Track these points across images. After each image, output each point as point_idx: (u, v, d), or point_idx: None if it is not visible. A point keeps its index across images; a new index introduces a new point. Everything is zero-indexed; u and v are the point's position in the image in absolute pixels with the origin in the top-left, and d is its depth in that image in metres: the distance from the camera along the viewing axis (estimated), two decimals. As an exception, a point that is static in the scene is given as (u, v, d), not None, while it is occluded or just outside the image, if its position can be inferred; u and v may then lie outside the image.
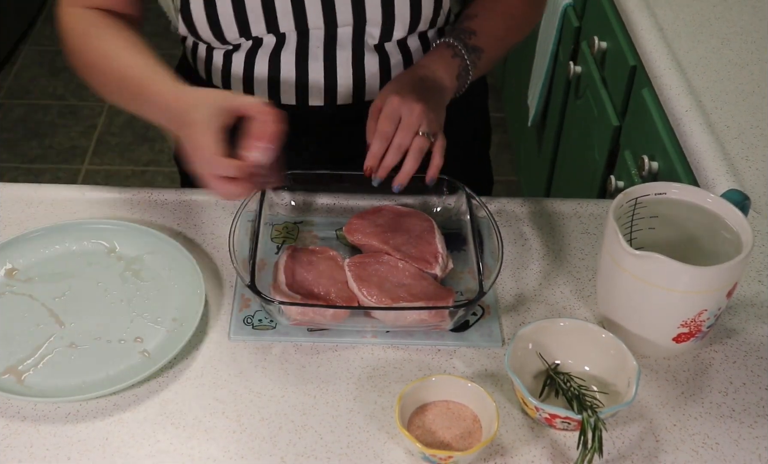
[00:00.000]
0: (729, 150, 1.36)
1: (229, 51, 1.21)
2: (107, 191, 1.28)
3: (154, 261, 1.15)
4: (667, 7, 1.72)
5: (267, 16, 1.14)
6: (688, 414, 1.00)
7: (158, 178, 3.01)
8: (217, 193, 1.00)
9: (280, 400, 1.00)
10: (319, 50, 1.19)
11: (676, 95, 1.49)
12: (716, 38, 1.63)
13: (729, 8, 1.72)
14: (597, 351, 1.02)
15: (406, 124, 1.08)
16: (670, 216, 1.08)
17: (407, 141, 1.08)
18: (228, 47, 1.20)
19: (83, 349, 1.04)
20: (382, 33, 1.18)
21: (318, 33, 1.17)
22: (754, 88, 1.51)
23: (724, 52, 1.59)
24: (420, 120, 1.08)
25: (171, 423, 0.97)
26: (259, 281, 1.06)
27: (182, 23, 1.16)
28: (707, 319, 1.01)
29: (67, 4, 1.18)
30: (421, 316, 1.05)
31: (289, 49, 1.19)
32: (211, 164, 0.98)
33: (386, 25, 1.17)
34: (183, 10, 1.15)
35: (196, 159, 1.00)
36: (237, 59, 1.21)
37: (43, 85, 3.40)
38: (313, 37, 1.18)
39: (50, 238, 1.17)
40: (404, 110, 1.09)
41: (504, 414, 0.99)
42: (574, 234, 1.23)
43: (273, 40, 1.18)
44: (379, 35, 1.18)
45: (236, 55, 1.21)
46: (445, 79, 1.15)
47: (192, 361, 1.04)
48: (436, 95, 1.13)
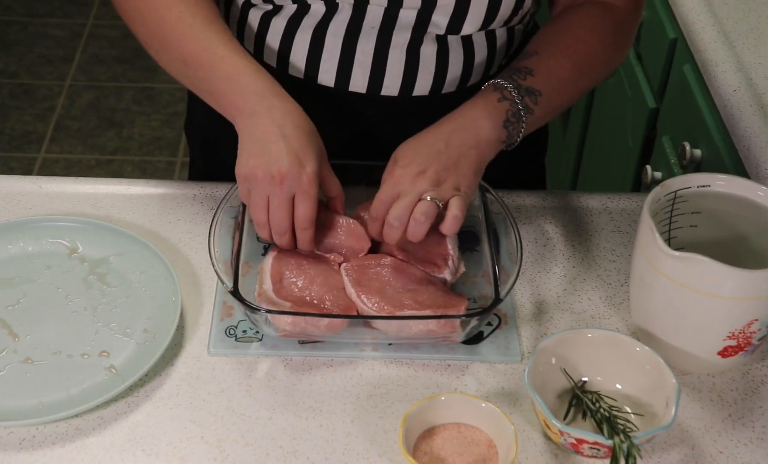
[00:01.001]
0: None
1: (268, 13, 1.20)
2: (68, 183, 1.28)
3: (122, 264, 1.16)
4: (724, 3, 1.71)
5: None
6: (737, 439, 1.01)
7: (127, 168, 3.01)
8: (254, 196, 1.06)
9: (267, 423, 1.00)
10: (373, 30, 1.18)
11: (723, 72, 1.49)
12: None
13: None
14: (630, 367, 1.02)
15: (405, 195, 1.06)
16: (715, 212, 1.08)
17: (405, 213, 1.06)
18: (268, 7, 1.19)
19: (40, 365, 1.04)
20: (450, 23, 1.16)
21: (377, 10, 1.16)
22: (812, 64, 1.51)
23: (778, 24, 1.59)
24: (423, 188, 1.06)
25: (141, 450, 0.98)
26: (243, 286, 1.06)
27: None
28: (758, 330, 1.01)
29: None
30: (428, 326, 1.05)
31: (339, 21, 1.18)
32: (300, 185, 1.05)
33: (457, 15, 1.15)
34: None
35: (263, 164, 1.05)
36: (276, 25, 1.20)
37: (-7, 61, 3.40)
38: (371, 14, 1.16)
39: (2, 237, 1.17)
40: (404, 183, 1.07)
41: (523, 438, 0.99)
42: (604, 233, 1.24)
43: (322, 9, 1.17)
44: (446, 26, 1.17)
45: (276, 19, 1.20)
46: (486, 127, 1.11)
47: (166, 378, 1.04)
48: (467, 150, 1.10)
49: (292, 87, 1.13)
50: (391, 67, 1.20)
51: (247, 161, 1.07)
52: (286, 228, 1.07)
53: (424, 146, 1.10)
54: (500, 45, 1.24)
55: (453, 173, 1.08)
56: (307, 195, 1.06)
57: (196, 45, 1.13)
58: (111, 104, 3.25)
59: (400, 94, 1.22)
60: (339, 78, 1.22)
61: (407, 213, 1.05)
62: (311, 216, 1.07)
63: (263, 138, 1.07)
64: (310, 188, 1.06)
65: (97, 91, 3.30)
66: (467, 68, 1.23)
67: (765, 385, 1.06)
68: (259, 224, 1.08)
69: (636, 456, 0.92)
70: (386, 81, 1.21)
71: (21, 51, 3.44)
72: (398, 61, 1.20)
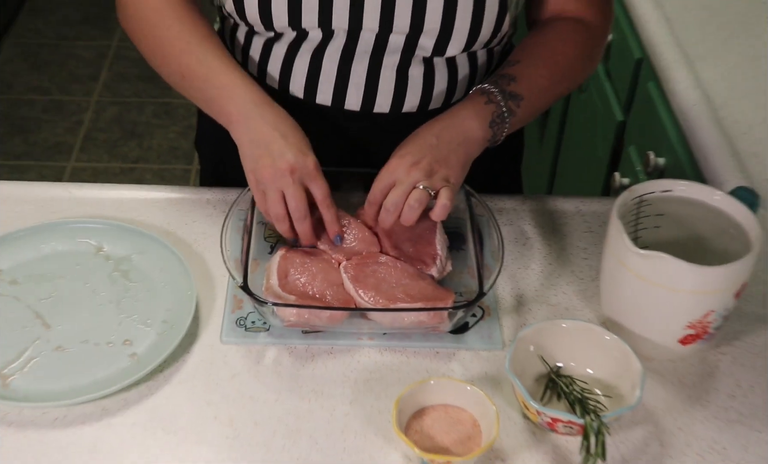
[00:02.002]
0: (738, 146, 1.37)
1: (270, 39, 1.20)
2: (95, 189, 1.28)
3: (143, 261, 1.16)
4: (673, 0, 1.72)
5: (322, 8, 1.13)
6: (695, 417, 1.01)
7: (147, 175, 3.01)
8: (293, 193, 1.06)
9: (273, 404, 1.00)
10: (366, 54, 1.17)
11: (684, 89, 1.49)
12: (725, 30, 1.63)
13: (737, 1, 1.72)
14: (600, 354, 1.02)
15: (400, 183, 1.07)
16: (677, 214, 1.08)
17: (400, 199, 1.06)
18: (270, 35, 1.19)
19: (70, 352, 1.05)
20: (435, 46, 1.16)
21: (369, 35, 1.16)
22: (762, 82, 1.51)
23: (733, 45, 1.59)
24: (417, 178, 1.06)
25: (161, 429, 0.98)
26: (251, 281, 1.06)
27: (231, 1, 1.15)
28: (714, 320, 1.01)
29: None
30: (419, 318, 1.05)
31: (334, 46, 1.17)
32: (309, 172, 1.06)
33: (442, 38, 1.15)
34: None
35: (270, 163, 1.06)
36: (278, 50, 1.20)
37: (27, 79, 3.39)
38: (363, 40, 1.16)
39: (36, 238, 1.17)
40: (400, 172, 1.07)
41: (504, 418, 1.00)
42: (577, 233, 1.24)
43: (320, 36, 1.16)
44: (432, 48, 1.16)
45: (277, 45, 1.20)
46: (474, 127, 1.11)
47: (183, 364, 1.04)
48: (456, 146, 1.10)
49: (293, 107, 1.13)
50: (383, 87, 1.20)
51: (255, 165, 1.07)
52: (305, 212, 1.07)
53: (418, 140, 1.10)
54: (481, 64, 1.24)
55: (444, 165, 1.08)
56: (317, 178, 1.07)
57: (192, 59, 1.14)
58: (133, 118, 3.24)
59: (391, 111, 1.22)
60: (335, 98, 1.21)
61: (402, 200, 1.06)
62: (328, 194, 1.08)
63: (262, 140, 1.07)
64: (317, 173, 1.07)
65: (120, 107, 3.29)
66: (451, 87, 1.23)
67: (720, 369, 1.06)
68: (279, 218, 1.08)
69: (605, 433, 0.92)
70: (378, 99, 1.21)
71: (52, 70, 3.44)
72: (389, 82, 1.20)
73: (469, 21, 1.14)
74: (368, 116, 1.23)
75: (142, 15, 1.19)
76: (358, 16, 1.14)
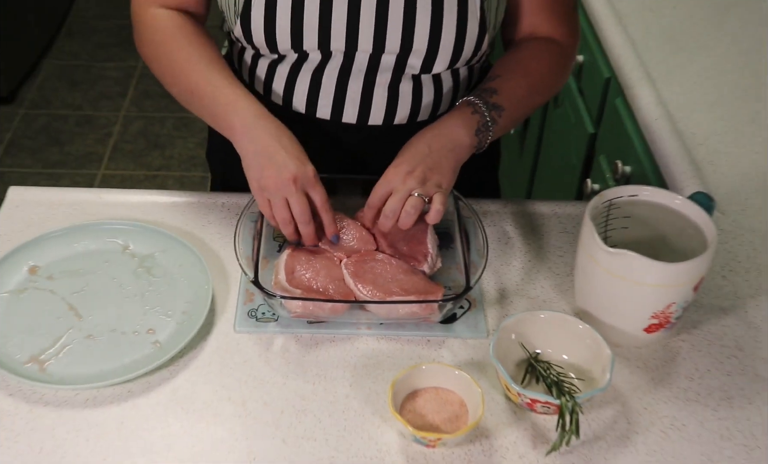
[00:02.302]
0: (695, 155, 1.37)
1: (274, 61, 1.19)
2: (122, 194, 1.28)
3: (165, 259, 1.15)
4: (638, 24, 1.72)
5: (321, 33, 1.12)
6: (657, 398, 1.01)
7: (169, 182, 3.00)
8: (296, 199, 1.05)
9: (281, 387, 1.00)
10: (360, 73, 1.17)
11: (647, 105, 1.49)
12: (683, 52, 1.64)
13: (694, 25, 1.73)
14: (574, 341, 1.02)
15: (397, 191, 1.06)
16: (642, 216, 1.08)
17: (398, 206, 1.06)
18: (274, 57, 1.18)
19: (100, 340, 1.04)
20: (423, 65, 1.16)
21: (363, 56, 1.15)
22: (717, 98, 1.51)
23: (690, 66, 1.60)
24: (412, 186, 1.06)
25: (181, 408, 0.97)
26: (262, 277, 1.05)
27: (239, 27, 1.14)
28: (675, 311, 1.01)
29: (148, 3, 1.19)
30: (412, 309, 1.05)
31: (332, 66, 1.17)
32: (309, 180, 1.06)
33: (429, 57, 1.15)
34: (243, 16, 1.13)
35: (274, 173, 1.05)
36: (281, 70, 1.20)
37: (63, 96, 3.39)
38: (358, 60, 1.16)
39: (69, 238, 1.17)
40: (396, 181, 1.07)
41: (489, 399, 0.99)
42: (554, 233, 1.24)
43: (319, 57, 1.16)
44: (420, 66, 1.16)
45: (281, 66, 1.19)
46: (462, 135, 1.11)
47: (200, 351, 1.04)
48: (446, 153, 1.10)
49: (295, 121, 1.13)
50: (376, 102, 1.20)
51: (259, 174, 1.07)
52: (308, 217, 1.07)
53: (412, 150, 1.10)
54: (463, 80, 1.23)
55: (436, 172, 1.08)
56: (316, 185, 1.07)
57: (200, 78, 1.14)
58: (156, 131, 3.23)
59: (383, 123, 1.21)
60: (334, 112, 1.21)
61: (399, 206, 1.06)
62: (326, 199, 1.08)
63: (265, 151, 1.07)
64: (316, 181, 1.07)
65: (145, 120, 3.29)
66: (437, 100, 1.22)
67: (680, 354, 1.06)
68: (285, 222, 1.07)
69: (578, 412, 0.92)
70: (372, 113, 1.21)
71: (85, 88, 3.43)
72: (382, 97, 1.19)
73: (453, 42, 1.14)
74: (364, 128, 1.22)
75: (155, 39, 1.19)
76: (353, 38, 1.13)
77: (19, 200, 1.25)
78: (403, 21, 1.12)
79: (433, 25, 1.12)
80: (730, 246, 1.21)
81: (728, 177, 1.33)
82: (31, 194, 1.26)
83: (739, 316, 1.11)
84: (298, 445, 0.94)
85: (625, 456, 0.94)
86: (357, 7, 1.11)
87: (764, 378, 1.03)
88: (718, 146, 1.39)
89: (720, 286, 1.15)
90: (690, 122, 1.45)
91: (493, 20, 1.16)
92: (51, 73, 3.51)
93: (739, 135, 1.42)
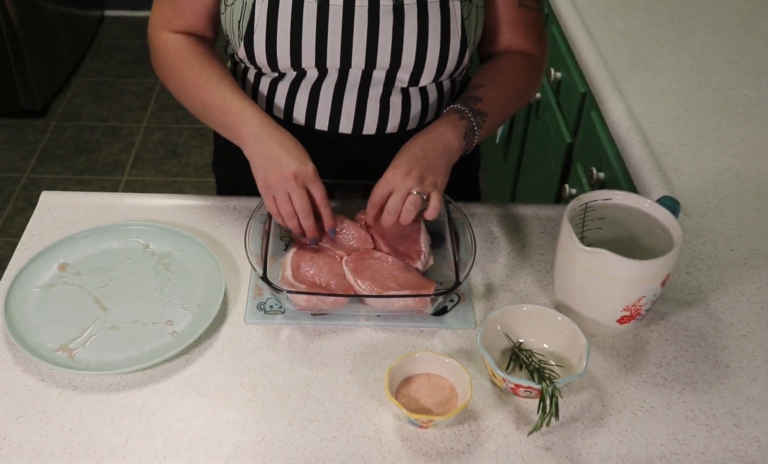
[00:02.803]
0: (662, 163, 1.37)
1: (275, 79, 1.19)
2: (143, 198, 1.27)
3: (182, 257, 1.14)
4: (610, 46, 1.72)
5: (318, 52, 1.12)
6: (629, 383, 1.00)
7: (185, 187, 3.00)
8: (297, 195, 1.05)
9: (288, 373, 0.99)
10: (354, 87, 1.16)
11: (619, 118, 1.49)
12: (651, 71, 1.64)
13: (660, 46, 1.73)
14: (554, 331, 1.02)
15: (397, 190, 1.06)
16: (615, 218, 1.08)
17: (399, 203, 1.05)
18: (275, 75, 1.18)
19: (123, 330, 1.04)
20: (410, 78, 1.15)
21: (357, 72, 1.15)
22: (681, 112, 1.51)
23: (657, 83, 1.60)
24: (410, 185, 1.05)
25: (196, 393, 0.97)
26: (270, 273, 1.05)
27: (243, 49, 1.14)
28: (645, 304, 1.01)
29: (161, 29, 1.20)
30: (406, 302, 1.04)
31: (328, 82, 1.16)
32: (309, 177, 1.05)
33: (416, 72, 1.14)
34: (246, 39, 1.13)
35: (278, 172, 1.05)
36: (282, 87, 1.19)
37: (90, 109, 3.38)
38: (352, 76, 1.15)
39: (96, 237, 1.16)
40: (396, 181, 1.06)
41: (476, 384, 0.99)
42: (535, 233, 1.23)
43: (316, 74, 1.16)
44: (408, 80, 1.16)
45: (281, 83, 1.19)
46: (452, 138, 1.11)
47: (214, 341, 1.03)
48: (439, 155, 1.09)
49: (296, 132, 1.12)
50: (370, 114, 1.19)
51: (265, 174, 1.07)
52: (309, 210, 1.06)
53: (408, 153, 1.09)
54: (446, 91, 1.23)
55: (432, 172, 1.08)
56: (316, 183, 1.07)
57: (210, 94, 1.14)
58: (174, 140, 3.23)
59: (376, 132, 1.21)
60: (331, 124, 1.20)
61: (400, 204, 1.05)
62: (325, 195, 1.07)
63: (270, 154, 1.07)
64: (316, 178, 1.07)
65: (164, 131, 3.28)
66: (424, 110, 1.22)
67: (649, 344, 1.06)
68: (288, 216, 1.07)
69: (558, 396, 0.92)
70: (366, 124, 1.20)
71: (110, 102, 3.42)
72: (374, 109, 1.19)
73: (438, 58, 1.14)
74: (358, 138, 1.22)
75: (168, 60, 1.19)
76: (347, 56, 1.13)
77: (50, 204, 1.25)
78: (392, 40, 1.12)
79: (419, 44, 1.12)
80: (694, 245, 1.21)
81: (692, 183, 1.33)
82: (61, 198, 1.26)
83: (702, 309, 1.11)
84: (303, 426, 0.93)
85: (600, 436, 0.94)
86: (350, 28, 1.11)
87: (724, 365, 1.03)
88: (683, 155, 1.39)
89: (685, 281, 1.15)
90: (657, 133, 1.45)
91: (472, 37, 1.17)
92: (80, 89, 3.51)
93: (701, 145, 1.42)
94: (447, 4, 1.12)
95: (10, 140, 3.18)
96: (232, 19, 1.14)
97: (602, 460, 0.92)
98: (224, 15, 1.16)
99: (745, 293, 1.13)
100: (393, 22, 1.11)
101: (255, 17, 1.11)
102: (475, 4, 1.15)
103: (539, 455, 0.92)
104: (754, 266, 1.18)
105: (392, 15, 1.10)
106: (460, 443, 0.93)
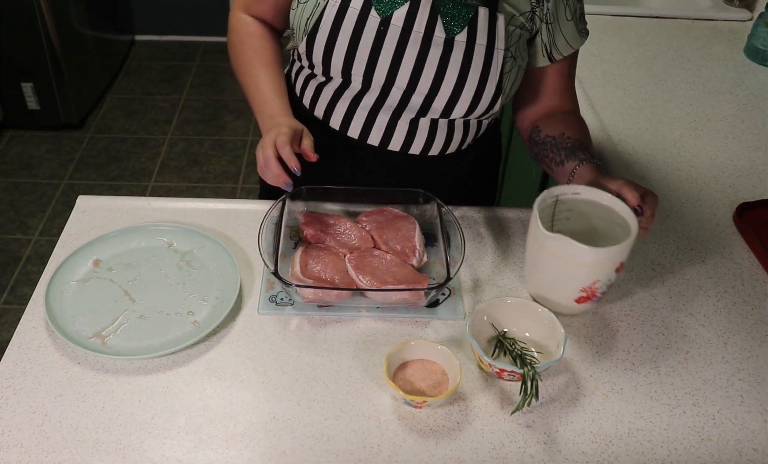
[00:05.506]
0: (631, 171, 1.36)
1: (322, 83, 1.18)
2: (168, 202, 1.26)
3: (202, 254, 1.14)
4: (584, 66, 1.72)
5: (369, 65, 1.11)
6: (601, 367, 1.00)
7: (205, 192, 2.99)
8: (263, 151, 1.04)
9: (296, 359, 0.99)
10: (390, 108, 1.15)
11: (592, 130, 1.48)
12: (621, 89, 1.64)
13: (628, 67, 1.73)
14: (535, 321, 1.01)
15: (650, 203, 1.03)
16: (582, 211, 1.07)
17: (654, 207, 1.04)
18: (323, 79, 1.17)
19: (149, 320, 1.03)
20: (444, 109, 1.13)
21: (397, 92, 1.13)
22: (647, 126, 1.51)
23: (626, 100, 1.60)
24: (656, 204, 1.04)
25: (215, 376, 0.96)
26: (281, 269, 1.05)
27: (304, 44, 1.13)
28: (600, 287, 1.00)
29: (237, 8, 1.23)
30: (403, 296, 1.04)
31: (369, 97, 1.15)
32: (278, 130, 1.05)
33: (450, 104, 1.12)
34: (309, 36, 1.12)
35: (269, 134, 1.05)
36: (326, 92, 1.19)
37: (121, 123, 3.37)
38: (393, 95, 1.13)
39: (125, 237, 1.16)
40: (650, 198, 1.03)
41: (465, 369, 0.98)
42: (518, 234, 1.23)
43: (360, 86, 1.14)
44: (441, 111, 1.14)
45: (326, 88, 1.18)
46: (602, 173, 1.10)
47: (230, 329, 1.03)
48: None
49: (331, 136, 1.13)
50: (398, 133, 1.18)
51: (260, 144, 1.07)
52: (283, 142, 1.03)
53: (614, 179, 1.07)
54: (471, 130, 1.22)
55: None
56: (283, 134, 1.04)
57: (251, 79, 1.17)
58: (195, 150, 3.22)
59: (400, 151, 1.20)
60: (362, 135, 1.19)
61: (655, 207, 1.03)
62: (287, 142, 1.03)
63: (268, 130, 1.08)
64: (287, 129, 1.05)
65: (187, 142, 3.27)
66: (447, 142, 1.21)
67: (619, 332, 1.05)
68: (267, 159, 1.03)
69: (538, 380, 0.92)
70: (393, 141, 1.19)
71: (139, 116, 3.41)
72: (402, 130, 1.18)
73: (472, 95, 1.11)
74: (384, 152, 1.21)
75: (233, 39, 1.23)
76: (393, 75, 1.11)
77: (85, 207, 1.24)
78: (437, 68, 1.09)
79: (459, 78, 1.10)
80: (659, 245, 1.20)
81: (657, 188, 1.32)
82: (95, 202, 1.25)
83: (666, 301, 1.10)
84: (309, 406, 0.93)
85: (575, 415, 0.94)
86: (402, 49, 1.09)
87: (684, 351, 1.03)
88: (649, 164, 1.39)
89: (650, 277, 1.14)
90: (626, 145, 1.44)
91: (507, 90, 1.14)
92: (112, 104, 3.50)
93: (665, 156, 1.42)
94: (492, 51, 1.09)
95: (51, 150, 3.17)
96: (302, 15, 1.13)
97: (577, 436, 0.91)
98: (295, 10, 1.15)
99: (703, 287, 1.13)
100: (441, 53, 1.09)
101: (323, 18, 1.09)
102: (519, 64, 1.14)
103: (521, 431, 0.91)
104: (711, 263, 1.17)
105: (442, 46, 1.08)
106: (450, 421, 0.92)
